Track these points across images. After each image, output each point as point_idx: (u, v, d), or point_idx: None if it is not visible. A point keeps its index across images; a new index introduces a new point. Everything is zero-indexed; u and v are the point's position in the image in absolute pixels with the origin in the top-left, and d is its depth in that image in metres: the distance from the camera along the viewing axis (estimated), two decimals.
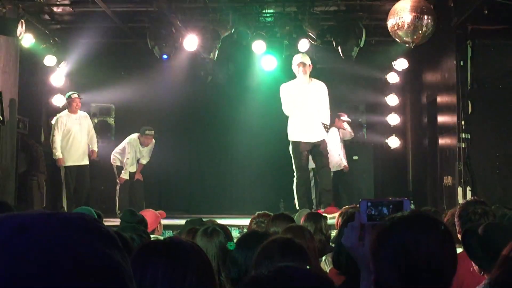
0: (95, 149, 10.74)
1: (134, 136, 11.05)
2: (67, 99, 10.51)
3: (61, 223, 0.84)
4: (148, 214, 5.80)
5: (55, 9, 10.21)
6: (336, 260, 2.75)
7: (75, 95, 10.46)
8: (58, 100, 11.72)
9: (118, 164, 11.13)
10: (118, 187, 11.03)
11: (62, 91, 11.89)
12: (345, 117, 11.47)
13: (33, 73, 11.34)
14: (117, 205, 10.85)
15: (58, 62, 11.34)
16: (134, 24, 10.78)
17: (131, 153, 10.98)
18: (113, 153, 11.20)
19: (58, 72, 11.63)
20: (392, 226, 1.82)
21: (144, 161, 11.27)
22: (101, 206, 10.69)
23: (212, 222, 4.88)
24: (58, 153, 10.26)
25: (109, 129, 12.01)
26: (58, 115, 10.54)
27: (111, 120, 12.13)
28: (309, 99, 9.55)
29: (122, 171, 11.06)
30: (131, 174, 11.12)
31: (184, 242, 1.99)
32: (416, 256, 1.75)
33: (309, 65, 9.61)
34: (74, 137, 10.40)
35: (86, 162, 10.55)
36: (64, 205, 10.23)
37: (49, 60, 11.12)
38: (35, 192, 10.92)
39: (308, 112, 9.48)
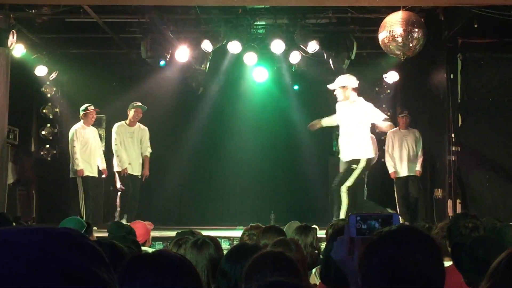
0: (105, 167, 10.62)
1: (118, 123, 10.55)
2: (83, 111, 10.33)
3: (47, 238, 0.84)
4: (139, 226, 5.77)
5: (46, 19, 10.19)
6: (324, 274, 2.74)
7: (92, 107, 10.36)
8: (49, 111, 11.70)
9: (115, 169, 10.50)
10: (118, 195, 10.49)
11: (52, 101, 11.88)
12: None
13: (24, 83, 11.31)
14: (117, 213, 10.38)
15: (49, 73, 11.33)
16: (126, 34, 10.77)
17: (118, 141, 10.38)
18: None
19: (49, 82, 11.61)
20: (379, 240, 1.83)
21: (146, 152, 10.62)
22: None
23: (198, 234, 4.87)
24: (80, 164, 10.17)
25: (100, 139, 11.96)
26: (74, 127, 10.39)
27: (102, 131, 12.08)
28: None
29: (117, 163, 10.41)
30: (133, 177, 10.49)
31: (173, 255, 1.99)
32: (403, 270, 1.75)
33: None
34: (91, 149, 10.36)
35: (96, 174, 10.52)
36: (83, 214, 10.07)
37: (40, 70, 11.11)
38: (24, 203, 10.86)
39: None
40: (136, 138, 10.51)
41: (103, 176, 10.63)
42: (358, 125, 8.89)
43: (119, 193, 10.42)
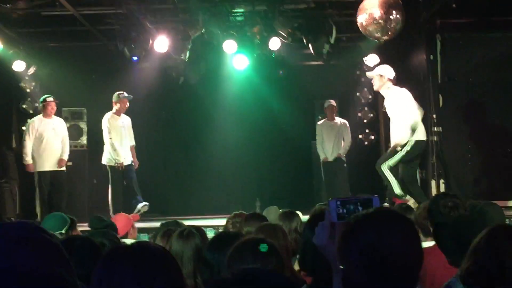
0: (64, 157, 10.41)
1: (107, 114, 10.26)
2: (42, 102, 10.25)
3: (1, 234, 0.82)
4: (119, 218, 5.76)
5: (22, 13, 10.08)
6: (302, 260, 2.74)
7: (51, 99, 10.21)
8: (28, 105, 11.59)
9: (105, 162, 10.21)
10: (110, 187, 10.21)
11: (32, 96, 11.77)
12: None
13: (2, 79, 11.20)
14: (111, 208, 10.05)
15: (28, 67, 11.22)
16: (103, 26, 10.67)
17: (113, 133, 10.12)
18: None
19: (28, 77, 11.50)
20: (356, 225, 1.83)
21: (133, 142, 10.48)
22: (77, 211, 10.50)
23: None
24: (28, 159, 10.04)
25: (82, 133, 11.88)
26: (30, 120, 10.34)
27: (83, 124, 12.00)
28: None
29: (113, 157, 10.08)
30: (126, 167, 10.23)
31: (152, 246, 1.97)
32: (380, 252, 1.75)
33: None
34: (47, 142, 10.15)
35: (59, 167, 10.38)
36: (38, 211, 10.03)
37: (18, 65, 11.00)
38: (7, 200, 10.78)
39: None
40: (126, 128, 10.40)
41: (60, 168, 10.42)
42: (395, 112, 8.94)
43: (109, 193, 10.22)
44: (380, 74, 9.03)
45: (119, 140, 10.12)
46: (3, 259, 0.79)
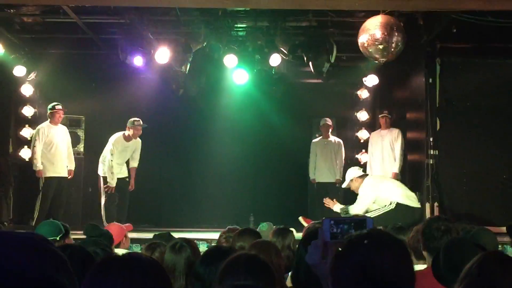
0: (72, 167, 10.59)
1: (117, 134, 10.46)
2: (50, 109, 10.31)
3: (9, 243, 0.83)
4: (112, 228, 5.75)
5: (25, 19, 10.12)
6: (295, 278, 2.75)
7: (59, 106, 10.33)
8: (27, 111, 11.60)
9: (101, 173, 10.42)
10: (103, 199, 10.30)
11: (31, 102, 11.77)
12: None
13: (2, 83, 11.21)
14: (103, 218, 10.12)
15: (28, 73, 11.25)
16: (105, 35, 10.72)
17: (115, 154, 10.30)
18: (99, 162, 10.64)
19: (28, 82, 11.52)
20: (349, 245, 1.83)
21: (135, 164, 10.68)
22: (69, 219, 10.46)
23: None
24: (39, 164, 10.10)
25: (79, 141, 11.88)
26: (39, 126, 10.37)
27: (81, 132, 12.00)
28: None
29: (108, 180, 10.26)
30: (121, 182, 10.47)
31: (143, 257, 1.97)
32: (372, 274, 1.75)
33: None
34: (56, 148, 10.29)
35: (65, 174, 10.43)
36: (35, 216, 9.99)
37: (19, 70, 11.03)
38: (2, 204, 10.76)
39: None
40: (129, 151, 10.61)
41: (69, 177, 10.52)
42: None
43: (102, 204, 10.28)
44: (351, 179, 9.72)
45: (116, 162, 10.26)
46: (12, 265, 0.80)
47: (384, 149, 10.88)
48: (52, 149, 10.23)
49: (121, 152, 10.36)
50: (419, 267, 3.73)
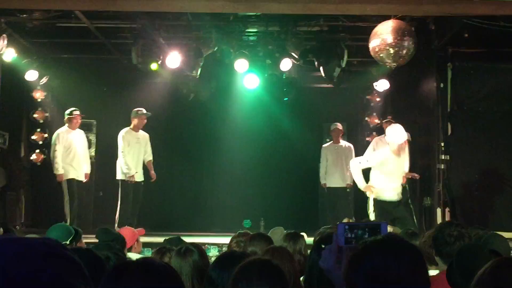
0: (88, 171, 10.64)
1: (124, 130, 10.34)
2: (68, 115, 10.34)
3: (25, 249, 0.84)
4: (125, 232, 5.76)
5: (38, 24, 10.17)
6: (307, 282, 2.74)
7: (77, 112, 10.38)
8: (39, 115, 11.66)
9: (120, 177, 10.24)
10: (119, 204, 10.15)
11: (43, 106, 11.84)
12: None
13: (15, 88, 11.27)
14: (116, 223, 9.93)
15: (40, 77, 11.29)
16: (117, 40, 10.77)
17: (126, 147, 10.13)
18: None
19: (40, 87, 11.58)
20: (364, 250, 1.84)
21: (150, 157, 10.52)
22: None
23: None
24: (60, 169, 10.14)
25: (90, 145, 11.93)
26: (58, 131, 10.41)
27: (92, 136, 12.06)
28: None
29: (124, 171, 10.13)
30: (136, 186, 10.29)
31: (157, 262, 1.98)
32: (386, 280, 1.75)
33: None
34: (75, 153, 10.34)
35: (82, 178, 10.47)
36: (68, 220, 9.97)
37: (31, 75, 11.07)
38: (14, 208, 10.82)
39: None
40: (142, 144, 10.47)
41: (85, 180, 10.55)
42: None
43: (118, 206, 10.18)
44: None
45: (131, 155, 10.20)
46: (28, 272, 0.81)
47: None
48: (71, 153, 10.28)
49: (134, 145, 10.29)
50: (431, 272, 3.72)
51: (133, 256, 5.02)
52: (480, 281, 2.45)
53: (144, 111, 10.37)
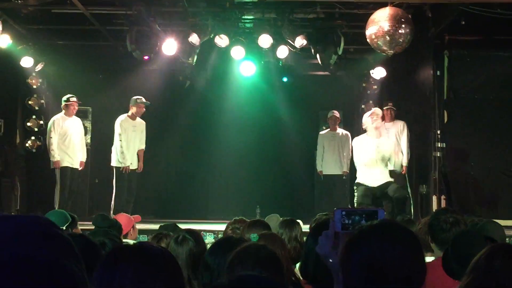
0: (84, 159, 10.60)
1: (121, 116, 10.33)
2: (65, 101, 10.30)
3: (16, 227, 0.83)
4: (121, 218, 5.76)
5: (32, 10, 10.11)
6: (303, 269, 2.74)
7: (74, 98, 10.33)
8: (34, 102, 11.62)
9: (114, 163, 10.23)
10: (114, 191, 10.16)
11: (38, 92, 11.79)
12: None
13: (10, 74, 11.23)
14: (112, 209, 9.94)
15: (35, 64, 11.24)
16: (113, 27, 10.72)
17: (123, 135, 10.15)
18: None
19: (35, 73, 11.53)
20: (359, 236, 1.83)
21: (142, 146, 10.46)
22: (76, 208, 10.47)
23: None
24: (56, 155, 10.12)
25: (86, 131, 11.90)
26: (54, 118, 10.37)
27: (88, 123, 12.03)
28: None
29: (120, 159, 10.12)
30: (130, 174, 10.28)
31: (154, 247, 1.98)
32: (383, 265, 1.75)
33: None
34: (70, 140, 10.30)
35: (78, 165, 10.45)
36: (56, 207, 9.97)
37: (26, 61, 11.02)
38: (9, 195, 10.80)
39: None
40: (137, 132, 10.44)
41: (80, 168, 10.53)
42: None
43: (114, 193, 10.18)
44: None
45: (126, 143, 10.17)
46: (19, 249, 0.80)
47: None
48: (66, 140, 10.25)
49: (130, 133, 10.27)
50: (427, 259, 3.72)
51: (129, 242, 5.02)
52: (475, 267, 2.46)
53: (144, 99, 10.35)
